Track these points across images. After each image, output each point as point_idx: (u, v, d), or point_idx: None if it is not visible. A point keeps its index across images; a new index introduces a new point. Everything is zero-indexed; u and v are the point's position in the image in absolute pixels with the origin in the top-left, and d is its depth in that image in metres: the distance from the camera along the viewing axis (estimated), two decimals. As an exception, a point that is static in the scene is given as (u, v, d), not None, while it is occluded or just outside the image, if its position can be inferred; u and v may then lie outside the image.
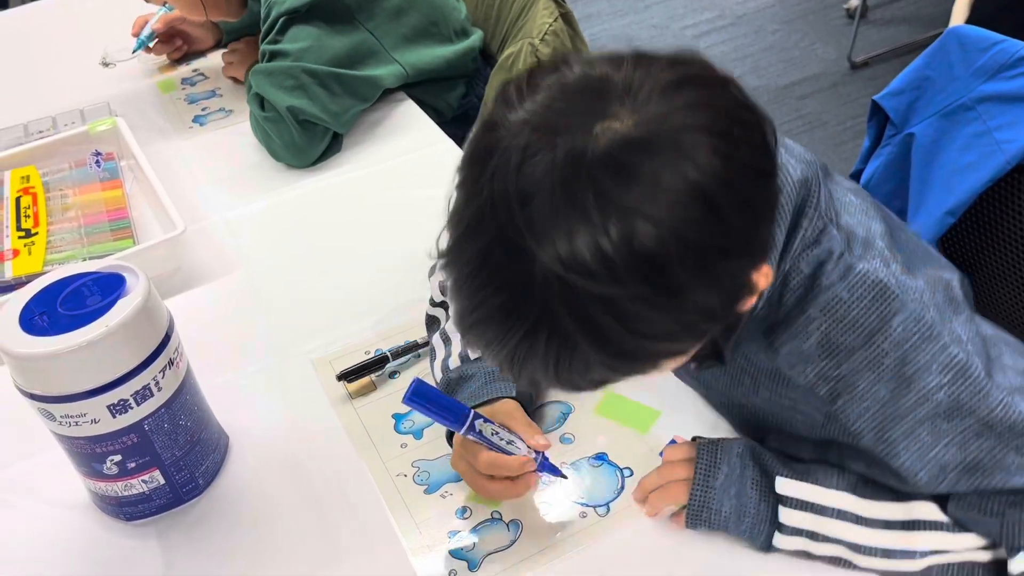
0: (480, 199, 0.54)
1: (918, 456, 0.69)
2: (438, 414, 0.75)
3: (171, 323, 0.82)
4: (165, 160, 1.39)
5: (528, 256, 0.52)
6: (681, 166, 0.51)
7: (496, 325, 0.55)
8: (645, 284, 0.52)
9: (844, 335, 0.67)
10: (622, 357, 0.56)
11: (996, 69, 1.11)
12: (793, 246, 0.68)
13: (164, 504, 0.86)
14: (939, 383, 0.68)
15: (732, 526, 0.76)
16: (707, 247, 0.53)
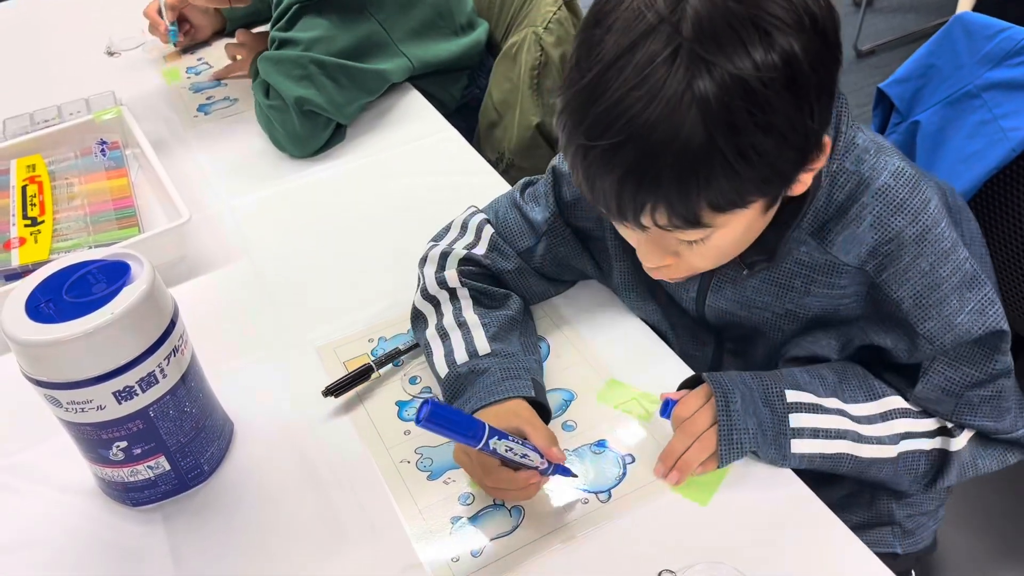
0: (623, 17, 0.66)
1: (946, 320, 0.80)
2: (455, 433, 0.73)
3: (176, 310, 0.83)
4: (170, 149, 1.39)
5: (673, 51, 0.63)
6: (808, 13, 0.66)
7: (632, 121, 0.64)
8: (775, 71, 0.63)
9: (894, 216, 0.78)
10: (741, 155, 0.65)
11: (1002, 56, 1.11)
12: (838, 148, 0.78)
13: (170, 490, 0.86)
14: (967, 255, 0.80)
15: (760, 442, 0.82)
16: (818, 60, 0.66)
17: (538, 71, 1.43)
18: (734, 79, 0.62)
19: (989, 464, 0.88)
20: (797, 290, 0.86)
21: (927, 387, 0.84)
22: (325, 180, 1.31)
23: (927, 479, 0.88)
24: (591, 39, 0.67)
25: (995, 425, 0.85)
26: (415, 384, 0.96)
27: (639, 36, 0.64)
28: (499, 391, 0.85)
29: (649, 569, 0.76)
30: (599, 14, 0.68)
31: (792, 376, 0.85)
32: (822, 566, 0.76)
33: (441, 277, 0.96)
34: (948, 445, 0.86)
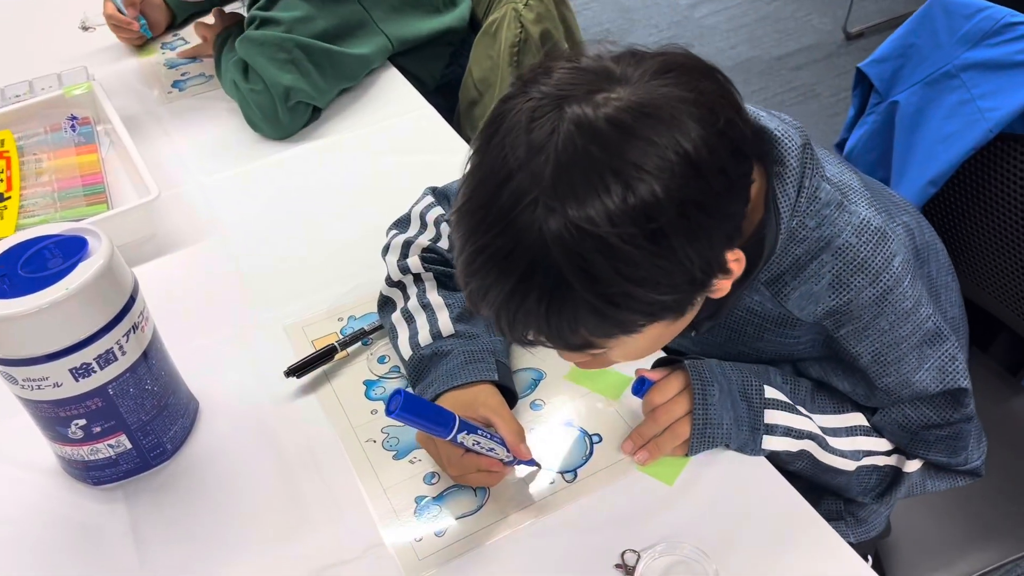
0: (491, 155, 0.61)
1: (904, 377, 0.80)
2: (426, 424, 0.73)
3: (136, 286, 0.81)
4: (142, 125, 1.37)
5: (531, 202, 0.58)
6: (670, 128, 0.59)
7: (496, 268, 0.61)
8: (634, 226, 0.58)
9: (854, 275, 0.75)
10: (609, 302, 0.61)
11: (980, 36, 1.10)
12: (800, 203, 0.74)
13: (131, 469, 0.85)
14: (929, 313, 0.79)
15: (734, 436, 0.82)
16: (689, 200, 0.59)
17: (518, 48, 1.41)
18: (592, 235, 0.57)
19: (938, 486, 0.89)
20: (749, 335, 0.85)
21: (885, 420, 0.85)
22: (299, 158, 1.29)
23: (876, 492, 0.88)
24: (472, 169, 0.64)
25: (948, 460, 0.86)
26: (383, 363, 0.95)
27: (503, 180, 0.60)
28: (463, 375, 0.84)
29: (613, 548, 0.76)
30: (481, 140, 0.63)
31: (768, 374, 0.85)
32: (786, 546, 0.76)
33: (404, 264, 0.95)
34: (903, 465, 0.87)
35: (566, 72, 0.62)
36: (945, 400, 0.82)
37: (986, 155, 1.11)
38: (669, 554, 0.74)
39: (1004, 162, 1.10)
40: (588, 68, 0.63)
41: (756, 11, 3.13)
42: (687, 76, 0.62)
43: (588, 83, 0.61)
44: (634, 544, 0.76)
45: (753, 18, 3.10)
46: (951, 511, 1.09)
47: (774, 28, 3.04)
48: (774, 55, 2.91)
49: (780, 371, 0.87)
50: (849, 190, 0.77)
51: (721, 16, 3.12)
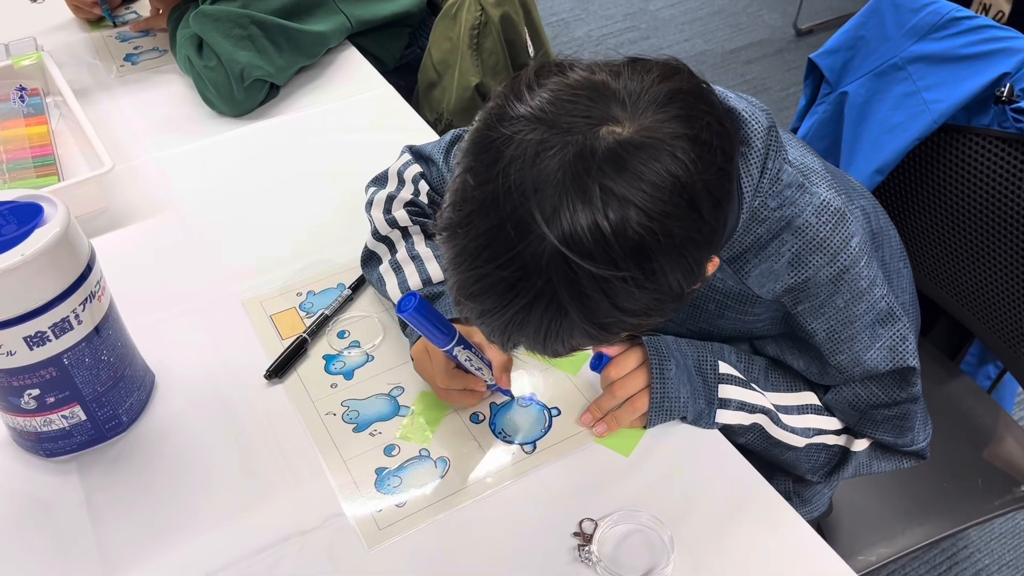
0: (494, 184, 0.60)
1: (856, 355, 0.82)
2: (429, 329, 0.77)
3: (92, 255, 0.80)
4: (94, 98, 1.34)
5: (536, 238, 0.58)
6: (671, 168, 0.59)
7: (497, 296, 0.61)
8: (636, 268, 0.59)
9: (813, 254, 0.77)
10: (601, 328, 0.63)
11: (927, 30, 1.14)
12: (763, 184, 0.76)
13: (86, 440, 0.84)
14: (883, 293, 0.81)
15: (690, 408, 0.85)
16: (688, 240, 0.61)
17: (478, 31, 1.42)
18: (596, 276, 0.59)
19: (884, 467, 0.92)
20: (711, 312, 0.87)
21: (835, 399, 0.88)
22: (256, 134, 1.28)
23: (824, 471, 0.91)
24: (465, 190, 0.62)
25: (894, 440, 0.89)
26: (343, 338, 0.95)
27: (508, 213, 0.59)
28: (453, 312, 0.87)
29: (572, 517, 0.78)
30: (475, 161, 0.62)
31: (723, 352, 0.88)
32: (738, 514, 0.79)
33: (391, 218, 0.96)
34: (851, 444, 0.90)
35: (563, 94, 0.61)
36: (893, 379, 0.85)
37: (930, 145, 1.16)
38: (625, 522, 0.76)
39: (947, 153, 1.14)
40: (587, 90, 0.61)
41: (710, 5, 3.18)
42: (689, 107, 0.62)
43: (590, 110, 0.60)
44: (592, 513, 0.78)
45: (707, 12, 3.14)
46: (891, 489, 1.13)
47: (727, 23, 3.09)
48: (727, 49, 2.95)
49: (735, 349, 0.89)
50: (811, 172, 0.79)
51: (676, 9, 3.16)
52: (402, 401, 0.88)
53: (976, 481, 1.15)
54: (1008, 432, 1.21)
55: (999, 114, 1.07)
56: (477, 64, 1.43)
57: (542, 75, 0.63)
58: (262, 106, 1.32)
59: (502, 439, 0.85)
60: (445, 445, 0.84)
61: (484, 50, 1.43)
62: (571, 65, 0.64)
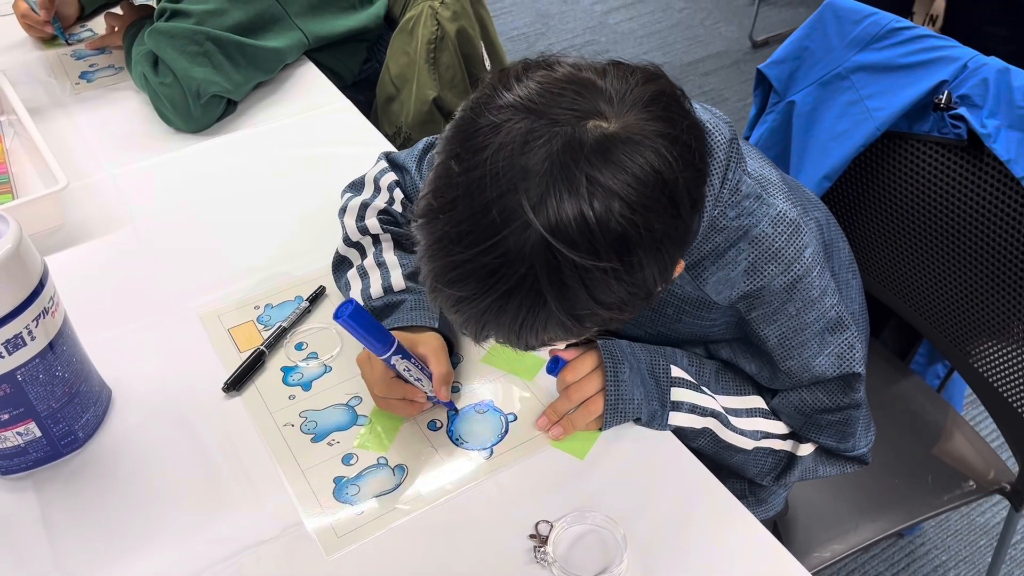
0: (481, 170, 0.60)
1: (805, 361, 0.85)
2: (366, 338, 0.77)
3: (46, 271, 0.80)
4: (49, 116, 1.34)
5: (522, 225, 0.59)
6: (655, 164, 0.61)
7: (476, 283, 0.62)
8: (618, 260, 0.61)
9: (768, 263, 0.79)
10: (577, 320, 0.64)
11: (868, 40, 1.17)
12: (723, 194, 0.78)
13: (41, 457, 0.84)
14: (833, 303, 0.83)
15: (644, 410, 0.86)
16: (664, 236, 0.63)
17: (434, 45, 1.44)
18: (578, 265, 0.60)
19: (829, 471, 0.94)
20: (669, 316, 0.89)
21: (782, 403, 0.90)
22: (213, 150, 1.28)
23: (772, 475, 0.94)
24: (449, 176, 0.63)
25: (837, 445, 0.91)
26: (300, 350, 0.96)
27: (494, 199, 0.60)
28: (409, 318, 0.89)
29: (528, 520, 0.79)
30: (462, 148, 0.63)
31: (675, 356, 0.90)
32: (691, 514, 0.80)
33: (363, 225, 0.98)
34: (796, 450, 0.93)
35: (551, 87, 0.63)
36: (838, 385, 0.87)
37: (874, 152, 1.19)
38: (579, 523, 0.78)
39: (890, 159, 1.18)
40: (574, 84, 0.63)
41: (668, 19, 3.24)
42: (670, 109, 0.65)
43: (577, 103, 0.62)
44: (548, 515, 0.79)
45: (665, 25, 3.20)
46: (845, 487, 1.16)
47: (685, 35, 3.14)
48: (685, 61, 3.01)
49: (686, 353, 0.91)
50: (768, 184, 0.81)
51: (635, 23, 3.21)
52: (360, 411, 0.89)
53: (926, 477, 1.18)
54: (957, 429, 1.24)
55: (938, 120, 1.10)
56: (435, 78, 1.44)
57: (530, 68, 0.65)
58: (219, 122, 1.33)
59: (459, 445, 0.86)
60: (403, 453, 0.85)
61: (441, 64, 1.45)
62: (558, 61, 0.66)
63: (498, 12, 3.24)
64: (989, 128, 1.03)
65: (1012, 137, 1.02)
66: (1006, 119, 1.02)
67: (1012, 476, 1.16)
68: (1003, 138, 1.02)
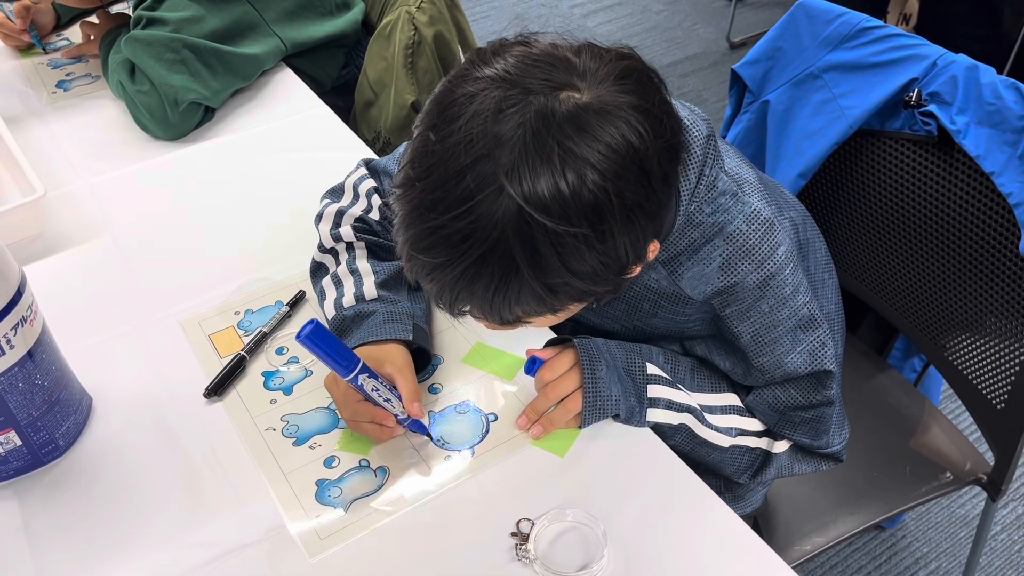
0: (456, 137, 0.62)
1: (778, 358, 0.86)
2: (329, 357, 0.76)
3: (23, 280, 0.80)
4: (25, 125, 1.34)
5: (496, 190, 0.61)
6: (627, 134, 0.63)
7: (450, 248, 0.63)
8: (588, 226, 0.62)
9: (742, 260, 0.80)
10: (550, 290, 0.65)
11: (840, 40, 1.19)
12: (699, 190, 0.79)
13: (22, 466, 0.84)
14: (805, 300, 0.85)
15: (622, 407, 0.86)
16: (635, 204, 0.64)
17: (412, 50, 1.44)
18: (549, 230, 0.61)
19: (805, 468, 0.96)
20: (644, 311, 0.90)
21: (756, 400, 0.92)
22: (192, 157, 1.28)
23: (749, 473, 0.95)
24: (426, 145, 0.64)
25: (811, 442, 0.93)
26: (281, 355, 0.96)
27: (467, 165, 0.61)
28: (379, 332, 0.88)
29: (509, 518, 0.79)
30: (438, 118, 0.64)
31: (651, 353, 0.91)
32: (671, 509, 0.81)
33: (336, 233, 0.98)
34: (772, 447, 0.94)
35: (526, 60, 0.65)
36: (811, 382, 0.89)
37: (847, 149, 1.21)
38: (560, 520, 0.79)
39: (863, 156, 1.19)
40: (549, 59, 0.65)
41: (646, 21, 3.26)
42: (642, 84, 0.66)
43: (551, 75, 0.63)
44: (530, 513, 0.80)
45: (643, 28, 3.22)
46: (824, 480, 1.18)
47: (663, 37, 3.16)
48: (664, 63, 3.03)
49: (662, 351, 0.92)
50: (744, 182, 0.82)
51: (613, 25, 3.23)
52: (342, 414, 0.90)
53: (904, 469, 1.20)
54: (934, 422, 1.26)
55: (909, 118, 1.12)
56: (412, 82, 1.45)
57: (507, 45, 0.67)
58: (197, 129, 1.33)
59: (440, 446, 0.86)
60: (384, 455, 0.86)
61: (419, 69, 1.46)
62: (535, 39, 0.68)
63: (476, 16, 3.25)
64: (959, 124, 1.05)
65: (981, 133, 1.04)
66: (975, 115, 1.04)
67: (988, 467, 1.18)
68: (972, 134, 1.04)
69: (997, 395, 1.12)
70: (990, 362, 1.12)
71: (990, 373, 1.13)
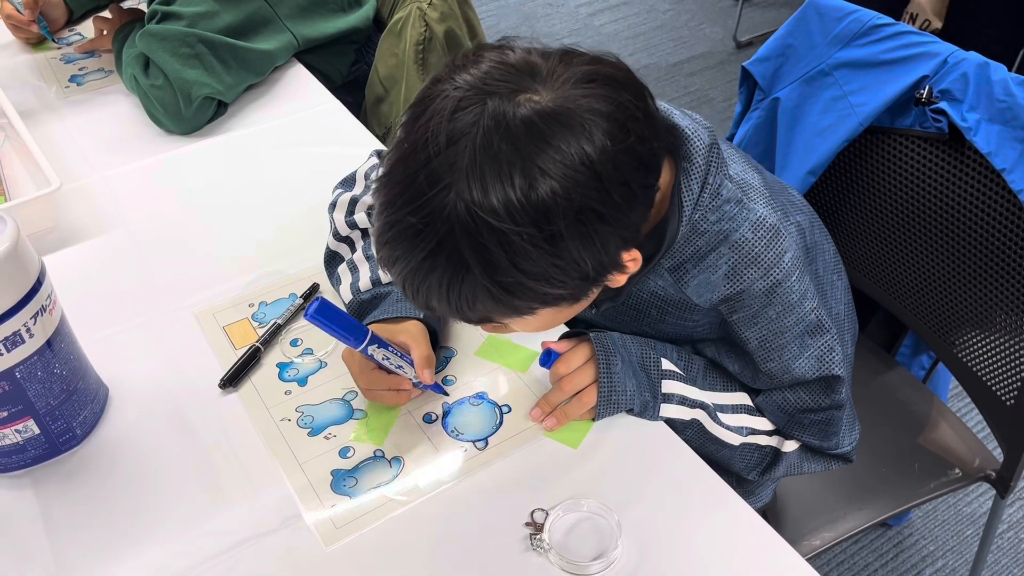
0: (415, 136, 0.64)
1: (785, 363, 0.86)
2: (336, 331, 0.78)
3: (43, 269, 0.81)
4: (40, 119, 1.35)
5: (444, 188, 0.62)
6: (580, 139, 0.63)
7: (406, 242, 0.65)
8: (534, 227, 0.62)
9: (748, 268, 0.80)
10: (504, 289, 0.65)
11: (851, 37, 1.19)
12: (703, 199, 0.78)
13: (40, 455, 0.85)
14: (813, 306, 0.84)
15: (637, 401, 0.87)
16: (586, 208, 0.63)
17: (423, 46, 1.45)
18: (494, 228, 0.61)
19: (814, 468, 0.96)
20: (652, 317, 0.91)
21: (766, 402, 0.92)
22: (205, 151, 1.29)
23: (758, 470, 0.95)
24: (397, 143, 0.67)
25: (820, 443, 0.93)
26: (296, 346, 0.97)
27: (423, 162, 0.63)
28: (394, 309, 0.90)
29: (523, 509, 0.80)
30: (409, 116, 0.67)
31: (665, 349, 0.91)
32: (684, 500, 0.82)
33: (351, 220, 0.99)
34: (782, 445, 0.94)
35: (495, 66, 0.66)
36: (820, 387, 0.89)
37: (858, 147, 1.21)
38: (574, 510, 0.79)
39: (873, 153, 1.20)
40: (516, 64, 0.66)
41: (653, 20, 3.26)
42: (610, 88, 0.66)
43: (513, 80, 0.64)
44: (543, 504, 0.80)
45: (650, 27, 3.22)
46: (833, 476, 1.18)
47: (669, 37, 3.17)
48: (670, 62, 3.03)
49: (676, 348, 0.93)
50: (750, 189, 0.82)
51: (620, 24, 3.24)
52: (356, 405, 0.90)
53: (913, 466, 1.20)
54: (942, 418, 1.26)
55: (920, 115, 1.13)
56: (423, 79, 1.46)
57: (483, 51, 0.68)
58: (210, 123, 1.34)
59: (455, 437, 0.87)
60: (399, 445, 0.86)
61: (430, 65, 1.46)
62: (511, 46, 0.69)
63: (483, 15, 3.26)
64: (970, 122, 1.05)
65: (992, 130, 1.04)
66: (986, 112, 1.04)
67: (997, 464, 1.18)
68: (983, 131, 1.05)
69: (1007, 392, 1.12)
70: (1000, 359, 1.13)
71: (1000, 370, 1.13)
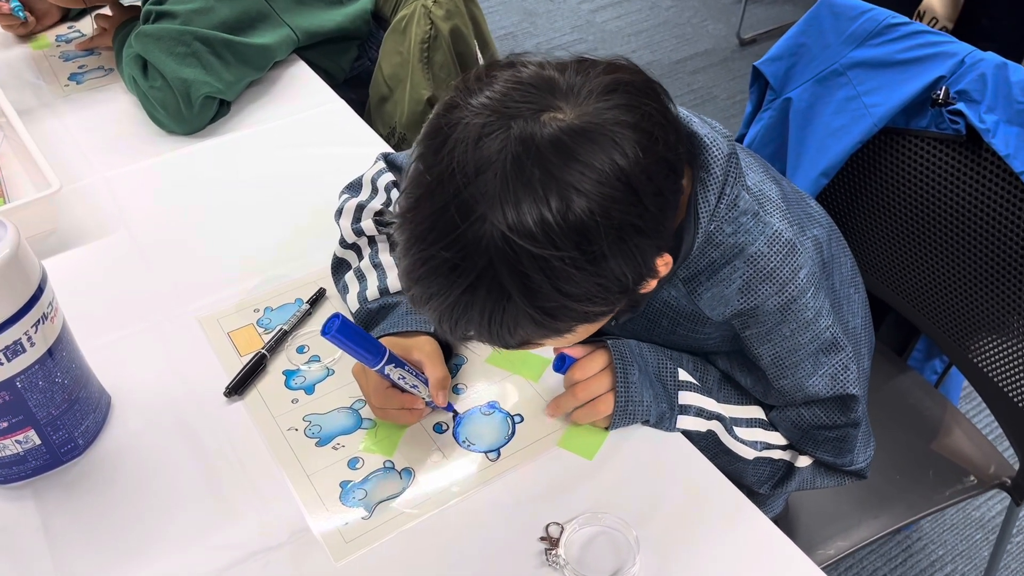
0: (440, 167, 0.61)
1: (799, 381, 0.84)
2: (354, 350, 0.76)
3: (44, 276, 0.79)
4: (39, 118, 1.32)
5: (479, 219, 0.60)
6: (611, 153, 0.61)
7: (442, 278, 0.62)
8: (575, 249, 0.60)
9: (762, 283, 0.78)
10: (547, 314, 0.63)
11: (865, 36, 1.17)
12: (719, 210, 0.76)
13: (41, 465, 0.82)
14: (828, 324, 0.82)
15: (653, 412, 0.86)
16: (625, 224, 0.62)
17: (428, 44, 1.43)
18: (535, 255, 0.59)
19: (827, 483, 0.94)
20: (664, 328, 0.88)
21: (779, 417, 0.90)
22: (207, 151, 1.27)
23: (770, 484, 0.93)
24: (417, 176, 0.64)
25: (834, 460, 0.91)
26: (302, 353, 0.95)
27: (452, 195, 0.60)
28: (404, 323, 0.88)
29: (538, 522, 0.78)
30: (426, 148, 0.64)
31: (681, 359, 0.89)
32: (702, 512, 0.80)
33: (358, 227, 0.97)
34: (795, 460, 0.92)
35: (512, 86, 0.63)
36: (835, 404, 0.87)
37: (872, 148, 1.19)
38: (591, 524, 0.77)
39: (887, 154, 1.18)
40: (533, 81, 0.63)
41: (655, 17, 3.24)
42: (632, 96, 0.64)
43: (533, 99, 0.62)
44: (557, 517, 0.78)
45: (652, 24, 3.20)
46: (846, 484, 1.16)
47: (672, 33, 3.14)
48: (673, 59, 3.01)
49: (691, 358, 0.91)
50: (767, 201, 0.80)
51: (622, 21, 3.21)
52: (364, 414, 0.88)
53: (927, 472, 1.18)
54: (956, 424, 1.25)
55: (936, 116, 1.11)
56: (428, 78, 1.43)
57: (494, 69, 0.66)
58: (213, 123, 1.31)
59: (466, 448, 0.85)
60: (409, 456, 0.84)
61: (435, 64, 1.44)
62: (522, 62, 0.66)
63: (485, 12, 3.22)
64: (988, 123, 1.04)
65: (1011, 132, 1.02)
66: (1004, 114, 1.02)
67: (1012, 471, 1.17)
68: (1002, 133, 1.03)
69: (1023, 397, 1.11)
70: (1017, 364, 1.11)
71: (1016, 375, 1.11)
